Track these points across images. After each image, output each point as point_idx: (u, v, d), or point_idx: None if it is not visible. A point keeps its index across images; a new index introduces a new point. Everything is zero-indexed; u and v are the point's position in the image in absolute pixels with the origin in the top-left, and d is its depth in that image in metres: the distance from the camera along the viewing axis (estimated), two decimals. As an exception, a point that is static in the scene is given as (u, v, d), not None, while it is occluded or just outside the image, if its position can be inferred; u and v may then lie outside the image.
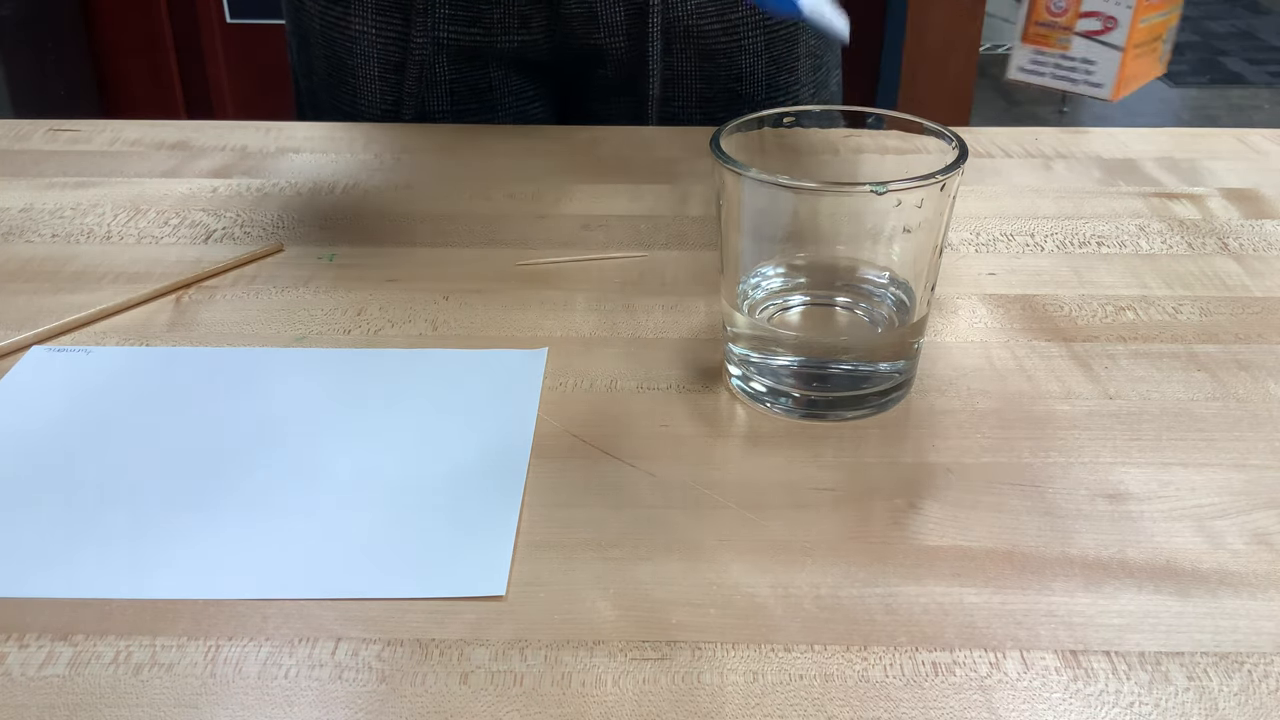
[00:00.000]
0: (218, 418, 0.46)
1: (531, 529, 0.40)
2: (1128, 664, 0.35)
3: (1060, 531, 0.41)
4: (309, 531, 0.40)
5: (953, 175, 0.43)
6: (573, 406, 0.47)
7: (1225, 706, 0.34)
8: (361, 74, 0.80)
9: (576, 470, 0.44)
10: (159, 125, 0.78)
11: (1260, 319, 0.54)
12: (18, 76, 2.19)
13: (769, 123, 0.48)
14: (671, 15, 0.77)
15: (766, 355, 0.47)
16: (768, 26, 0.80)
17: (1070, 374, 0.50)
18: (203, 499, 0.42)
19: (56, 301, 0.55)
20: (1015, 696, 0.34)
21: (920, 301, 0.46)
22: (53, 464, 0.44)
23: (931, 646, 0.36)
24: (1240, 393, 0.49)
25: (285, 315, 0.54)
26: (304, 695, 0.34)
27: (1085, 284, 0.58)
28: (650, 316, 0.54)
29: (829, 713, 0.33)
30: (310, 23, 0.82)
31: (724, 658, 0.35)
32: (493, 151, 0.74)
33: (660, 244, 0.61)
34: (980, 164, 0.73)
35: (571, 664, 0.35)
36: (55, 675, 0.34)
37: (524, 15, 0.77)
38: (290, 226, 0.63)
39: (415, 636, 0.36)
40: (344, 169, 0.71)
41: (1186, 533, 0.41)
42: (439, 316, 0.54)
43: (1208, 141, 0.76)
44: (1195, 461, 0.44)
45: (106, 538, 0.40)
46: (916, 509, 0.42)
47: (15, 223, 0.64)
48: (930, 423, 0.46)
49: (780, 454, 0.45)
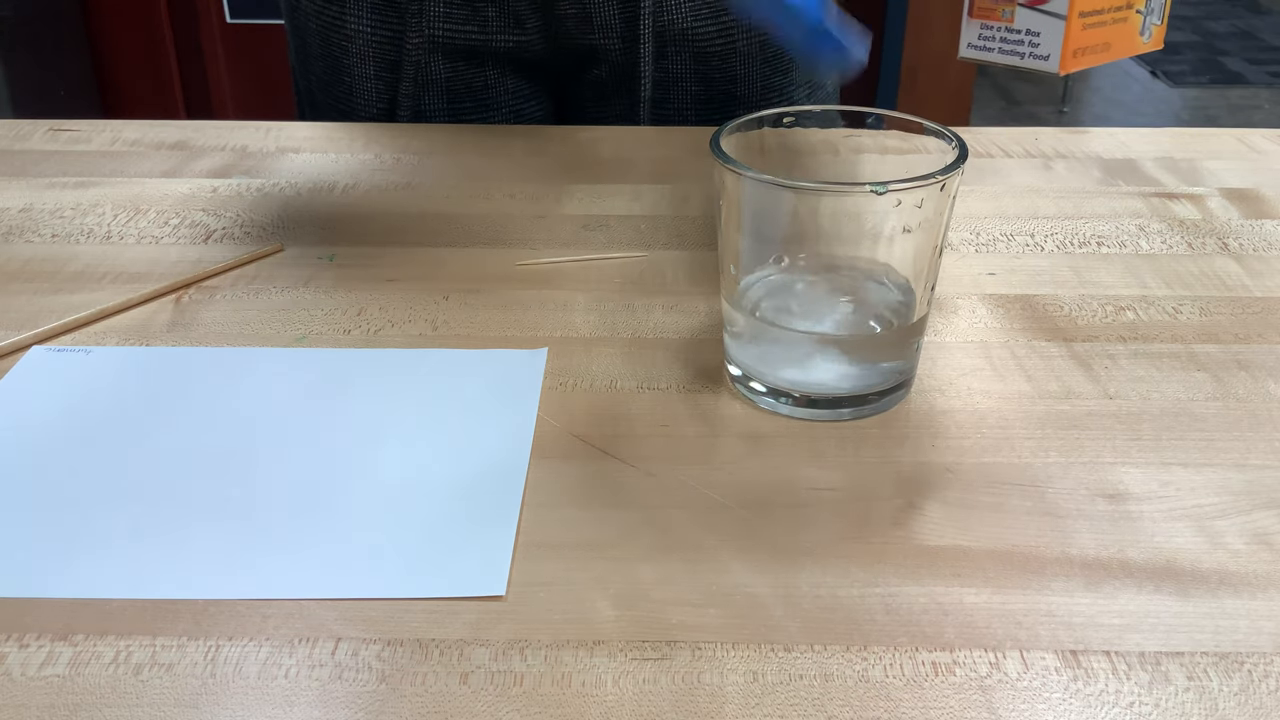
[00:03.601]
0: (218, 418, 0.46)
1: (531, 529, 0.40)
2: (1128, 664, 0.35)
3: (1060, 531, 0.41)
4: (309, 531, 0.40)
5: (953, 175, 0.43)
6: (573, 406, 0.47)
7: (1225, 706, 0.34)
8: (357, 73, 0.80)
9: (576, 470, 0.44)
10: (159, 125, 0.78)
11: (1260, 319, 0.54)
12: (18, 76, 2.19)
13: (769, 123, 0.48)
14: (665, 17, 0.77)
15: (766, 355, 0.47)
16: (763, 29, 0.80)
17: (1070, 374, 0.50)
18: (203, 499, 0.42)
19: (56, 301, 0.55)
20: (1015, 696, 0.34)
21: (920, 301, 0.46)
22: (53, 464, 0.44)
23: (931, 646, 0.36)
24: (1240, 393, 0.49)
25: (285, 315, 0.54)
26: (304, 695, 0.34)
27: (1085, 284, 0.58)
28: (650, 316, 0.54)
29: (829, 713, 0.33)
30: (307, 22, 0.82)
31: (724, 658, 0.35)
32: (493, 151, 0.74)
33: (660, 244, 0.61)
34: (980, 164, 0.73)
35: (571, 664, 0.35)
36: (55, 675, 0.34)
37: (519, 15, 0.77)
38: (290, 226, 0.63)
39: (415, 636, 0.36)
40: (344, 169, 0.71)
41: (1186, 533, 0.41)
42: (439, 316, 0.54)
43: (1208, 141, 0.76)
44: (1195, 461, 0.44)
45: (106, 538, 0.40)
46: (916, 509, 0.42)
47: (15, 223, 0.64)
48: (930, 423, 0.47)
49: (780, 454, 0.45)
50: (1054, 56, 0.50)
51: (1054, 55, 0.50)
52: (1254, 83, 3.86)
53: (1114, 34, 0.52)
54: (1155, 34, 0.55)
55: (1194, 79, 3.88)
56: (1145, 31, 0.54)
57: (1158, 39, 0.55)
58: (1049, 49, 0.50)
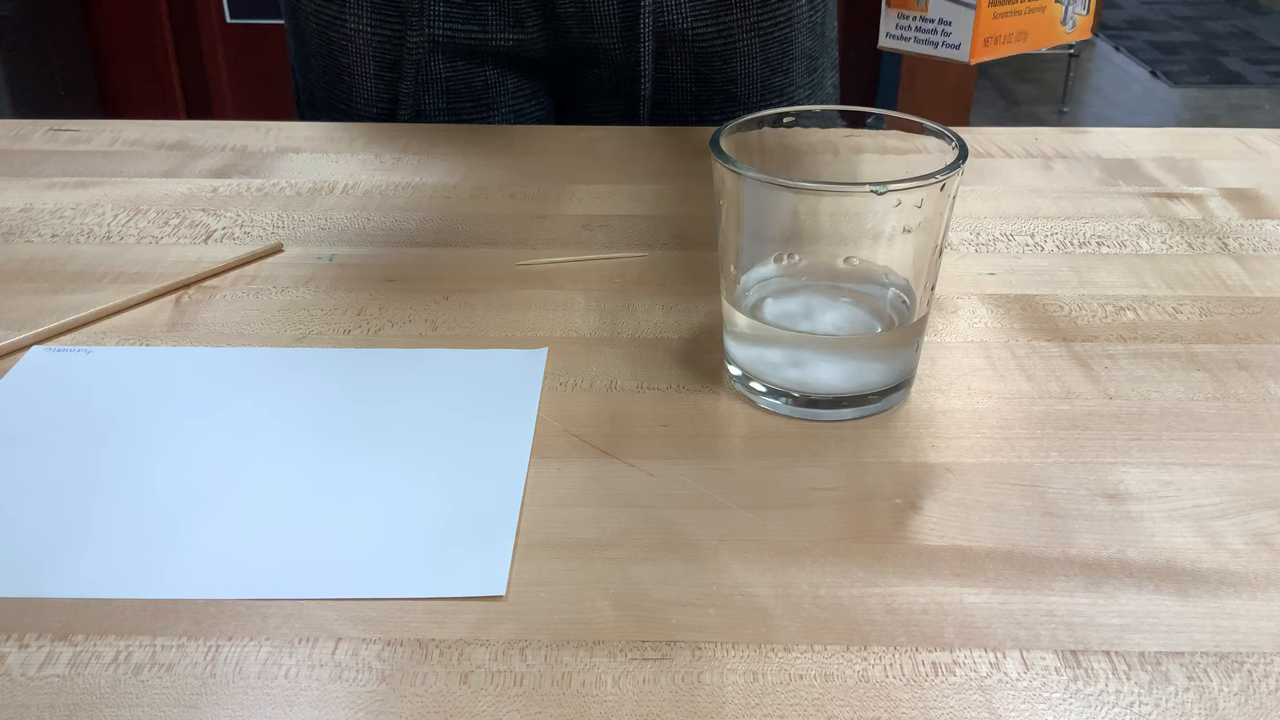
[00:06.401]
0: (217, 418, 0.46)
1: (531, 529, 0.40)
2: (1128, 664, 0.35)
3: (1060, 531, 0.41)
4: (309, 531, 0.40)
5: (953, 175, 0.43)
6: (573, 406, 0.47)
7: (1225, 706, 0.34)
8: (357, 73, 0.80)
9: (576, 470, 0.44)
10: (159, 125, 0.78)
11: (1260, 319, 0.54)
12: (18, 76, 2.19)
13: (768, 123, 0.48)
14: (665, 17, 0.77)
15: (766, 355, 0.47)
16: (762, 29, 0.80)
17: (1070, 374, 0.50)
18: (203, 499, 0.42)
19: (56, 301, 0.55)
20: (1015, 696, 0.34)
21: (920, 301, 0.46)
22: (53, 464, 0.44)
23: (931, 646, 0.36)
24: (1240, 393, 0.49)
25: (285, 315, 0.54)
26: (304, 695, 0.34)
27: (1085, 284, 0.58)
28: (650, 316, 0.54)
29: (829, 713, 0.33)
30: (306, 22, 0.82)
31: (724, 658, 0.35)
32: (493, 151, 0.74)
33: (660, 244, 0.61)
34: (980, 164, 0.73)
35: (571, 664, 0.35)
36: (55, 675, 0.34)
37: (519, 14, 0.78)
38: (290, 226, 0.63)
39: (415, 636, 0.36)
40: (344, 169, 0.71)
41: (1186, 533, 0.41)
42: (439, 316, 0.54)
43: (1208, 141, 0.76)
44: (1195, 461, 0.44)
45: (106, 538, 0.40)
46: (916, 509, 0.42)
47: (15, 223, 0.64)
48: (930, 423, 0.47)
49: (780, 454, 0.45)
50: (964, 45, 0.50)
51: (964, 44, 0.50)
52: (1254, 83, 3.86)
53: (1030, 23, 0.52)
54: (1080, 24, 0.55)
55: (1194, 79, 3.88)
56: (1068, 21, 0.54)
57: (1083, 28, 0.55)
58: (960, 38, 0.50)
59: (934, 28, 0.50)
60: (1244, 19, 4.50)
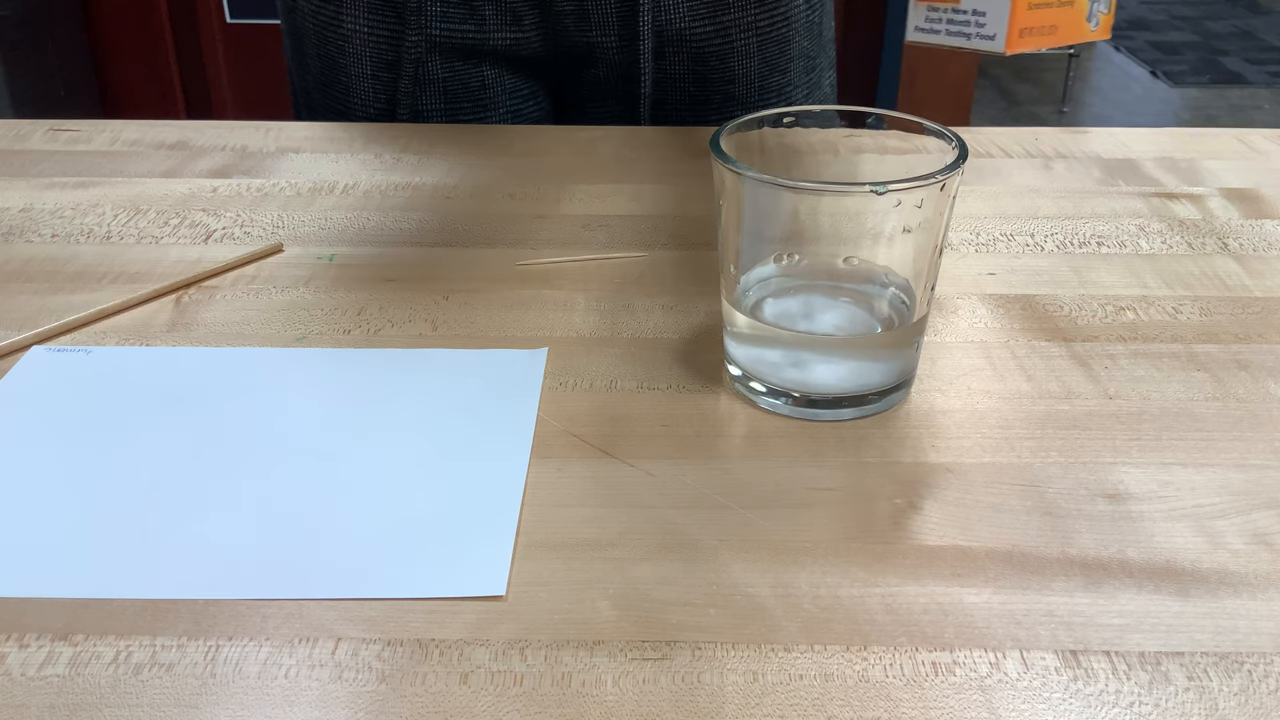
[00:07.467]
0: (218, 418, 0.46)
1: (531, 529, 0.40)
2: (1128, 664, 0.35)
3: (1060, 531, 0.41)
4: (309, 531, 0.40)
5: (953, 175, 0.43)
6: (573, 406, 0.47)
7: (1225, 706, 0.34)
8: (355, 73, 0.80)
9: (576, 470, 0.44)
10: (159, 125, 0.78)
11: (1260, 319, 0.54)
12: (18, 76, 2.19)
13: (768, 123, 0.48)
14: (663, 16, 0.77)
15: (766, 355, 0.47)
16: (760, 28, 0.80)
17: (1070, 374, 0.50)
18: (203, 499, 0.42)
19: (56, 301, 0.55)
20: (1015, 696, 0.34)
21: (920, 301, 0.46)
22: (53, 464, 0.44)
23: (931, 646, 0.36)
24: (1240, 393, 0.49)
25: (285, 315, 0.54)
26: (304, 695, 0.34)
27: (1085, 284, 0.58)
28: (650, 316, 0.54)
29: (829, 713, 0.33)
30: (303, 22, 0.82)
31: (724, 658, 0.35)
32: (492, 151, 0.74)
33: (660, 244, 0.61)
34: (980, 164, 0.73)
35: (571, 664, 0.35)
36: (55, 675, 0.34)
37: (516, 13, 0.78)
38: (290, 226, 0.63)
39: (415, 636, 0.36)
40: (344, 169, 0.71)
41: (1186, 533, 0.41)
42: (439, 316, 0.54)
43: (1208, 141, 0.76)
44: (1195, 461, 0.44)
45: (106, 538, 0.40)
46: (916, 509, 0.42)
47: (15, 223, 0.64)
48: (930, 423, 0.47)
49: (780, 454, 0.45)
50: (1000, 36, 0.50)
51: (1000, 35, 0.50)
52: (1254, 83, 3.86)
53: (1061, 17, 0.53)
54: (1103, 23, 0.55)
55: (1194, 79, 3.88)
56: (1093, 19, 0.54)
57: (1105, 28, 0.55)
58: (995, 28, 0.50)
59: (967, 19, 0.51)
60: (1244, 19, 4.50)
